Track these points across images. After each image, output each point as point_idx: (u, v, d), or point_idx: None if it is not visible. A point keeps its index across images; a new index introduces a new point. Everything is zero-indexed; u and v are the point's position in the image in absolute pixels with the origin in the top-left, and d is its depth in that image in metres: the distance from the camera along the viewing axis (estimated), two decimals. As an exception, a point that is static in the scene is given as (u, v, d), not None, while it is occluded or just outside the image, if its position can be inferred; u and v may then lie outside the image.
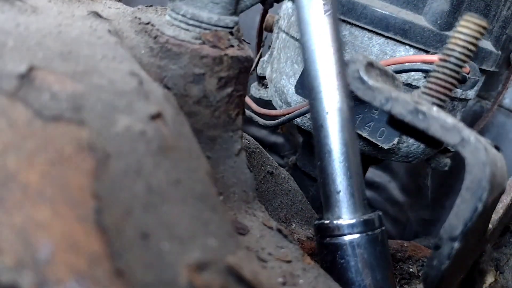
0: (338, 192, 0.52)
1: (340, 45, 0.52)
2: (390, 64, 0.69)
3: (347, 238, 0.51)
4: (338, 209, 0.52)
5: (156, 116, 0.36)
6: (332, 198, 0.52)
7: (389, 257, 0.53)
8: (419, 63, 0.68)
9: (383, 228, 0.53)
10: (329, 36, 0.51)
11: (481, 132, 0.98)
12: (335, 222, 0.52)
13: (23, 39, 0.39)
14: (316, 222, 0.54)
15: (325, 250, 0.52)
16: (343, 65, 0.52)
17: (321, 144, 0.52)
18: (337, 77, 0.51)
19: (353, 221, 0.51)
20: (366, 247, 0.50)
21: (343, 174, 0.52)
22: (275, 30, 0.90)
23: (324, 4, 0.51)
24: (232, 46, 0.51)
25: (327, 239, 0.52)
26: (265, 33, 0.99)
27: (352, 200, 0.52)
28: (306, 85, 0.54)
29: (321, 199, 0.54)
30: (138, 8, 0.56)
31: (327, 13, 0.51)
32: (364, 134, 0.75)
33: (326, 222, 0.52)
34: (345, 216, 0.52)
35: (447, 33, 0.71)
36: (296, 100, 0.82)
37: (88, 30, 0.46)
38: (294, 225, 0.65)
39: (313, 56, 0.52)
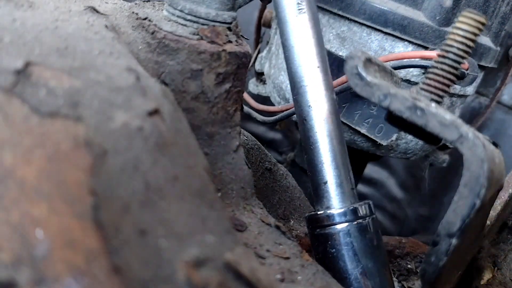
0: (325, 183, 0.52)
1: (319, 40, 0.54)
2: (389, 60, 0.69)
3: (337, 227, 0.51)
4: (327, 200, 0.52)
5: (154, 112, 0.36)
6: (320, 188, 0.53)
7: (381, 245, 0.53)
8: (418, 59, 0.68)
9: (374, 216, 0.53)
10: (307, 33, 0.53)
11: (480, 129, 0.98)
12: (324, 212, 0.52)
13: (19, 35, 0.38)
14: (307, 214, 0.54)
15: (316, 240, 0.53)
16: (323, 59, 0.53)
17: (306, 137, 0.53)
18: (317, 71, 0.53)
19: (341, 210, 0.51)
20: (356, 236, 0.51)
21: (329, 165, 0.52)
22: (273, 25, 0.90)
23: (298, 3, 0.52)
24: (230, 41, 0.51)
25: (318, 229, 0.52)
26: (263, 28, 0.99)
27: (340, 190, 0.52)
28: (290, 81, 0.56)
29: (311, 191, 0.54)
30: (136, 3, 0.55)
31: (302, 12, 0.52)
32: (363, 130, 0.75)
33: (316, 212, 0.53)
34: (333, 205, 0.52)
35: (446, 29, 0.71)
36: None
37: (85, 26, 0.46)
38: (292, 221, 0.65)
39: (293, 53, 0.53)
